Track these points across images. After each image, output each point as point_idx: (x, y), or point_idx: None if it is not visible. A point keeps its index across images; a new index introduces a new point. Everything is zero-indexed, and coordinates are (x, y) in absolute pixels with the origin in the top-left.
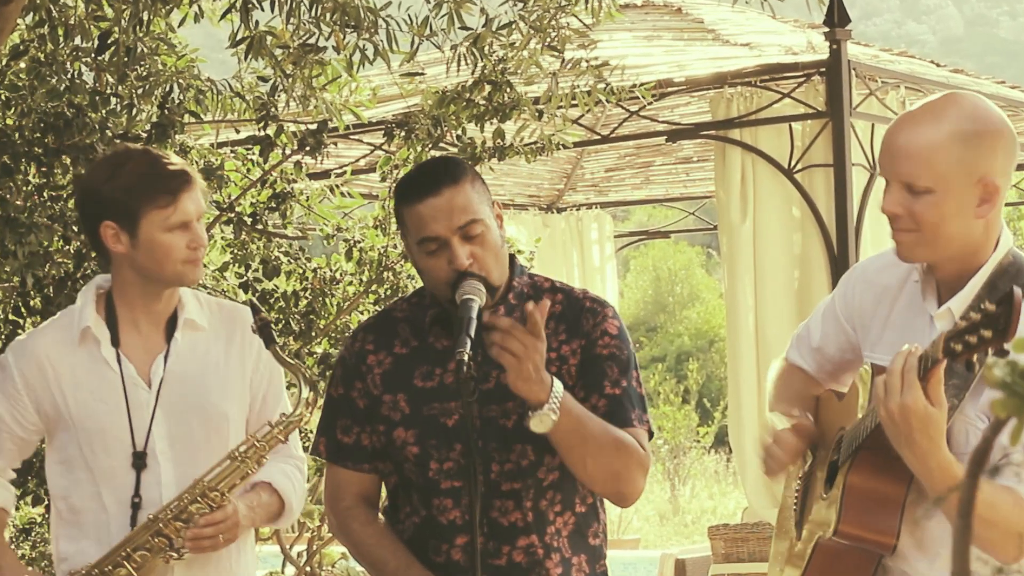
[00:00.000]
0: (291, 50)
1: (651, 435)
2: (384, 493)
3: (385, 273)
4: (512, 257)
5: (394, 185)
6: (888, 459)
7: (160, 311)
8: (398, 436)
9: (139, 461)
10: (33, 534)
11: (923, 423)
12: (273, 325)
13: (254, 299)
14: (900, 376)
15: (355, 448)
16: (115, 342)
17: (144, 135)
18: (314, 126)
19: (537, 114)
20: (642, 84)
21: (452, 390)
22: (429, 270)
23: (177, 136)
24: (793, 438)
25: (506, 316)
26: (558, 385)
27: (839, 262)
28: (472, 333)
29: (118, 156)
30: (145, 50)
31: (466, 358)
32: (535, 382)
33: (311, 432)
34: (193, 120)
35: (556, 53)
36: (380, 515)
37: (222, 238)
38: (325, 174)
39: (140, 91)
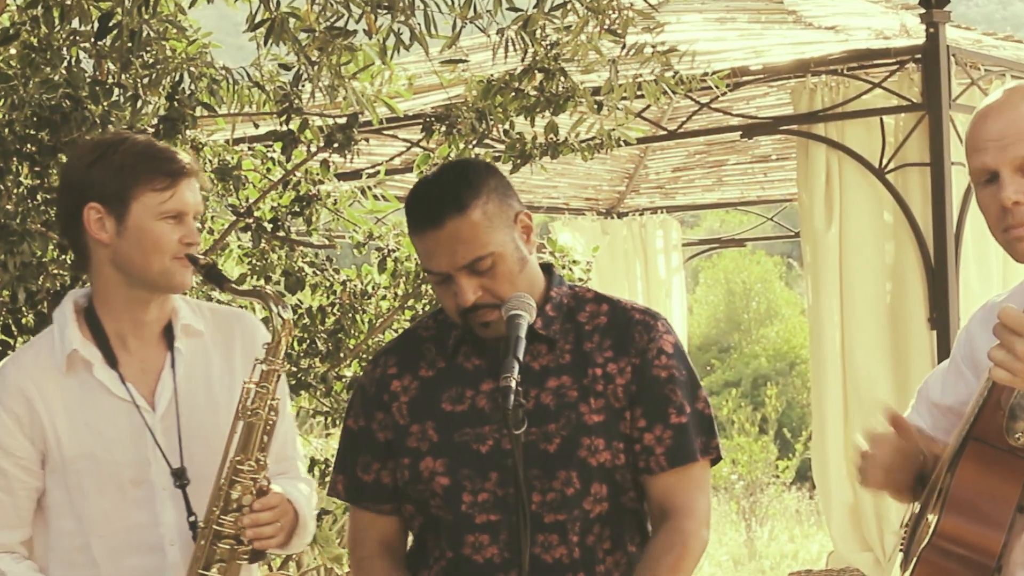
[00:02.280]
0: (317, 34)
1: (718, 459)
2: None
3: (423, 286)
4: (549, 267)
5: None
6: (998, 453)
7: (151, 321)
8: (425, 467)
9: (180, 479)
10: None
11: None
12: (289, 336)
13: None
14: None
15: (375, 487)
16: (111, 362)
17: (151, 130)
18: (343, 120)
19: (595, 106)
20: (714, 73)
21: (485, 414)
22: (440, 298)
23: (188, 131)
24: (895, 438)
25: (543, 329)
26: None
27: (937, 273)
28: (521, 355)
29: (111, 137)
30: (152, 34)
31: (513, 384)
32: None
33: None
34: (206, 113)
35: (617, 37)
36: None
37: (239, 246)
38: (355, 174)
39: (146, 81)
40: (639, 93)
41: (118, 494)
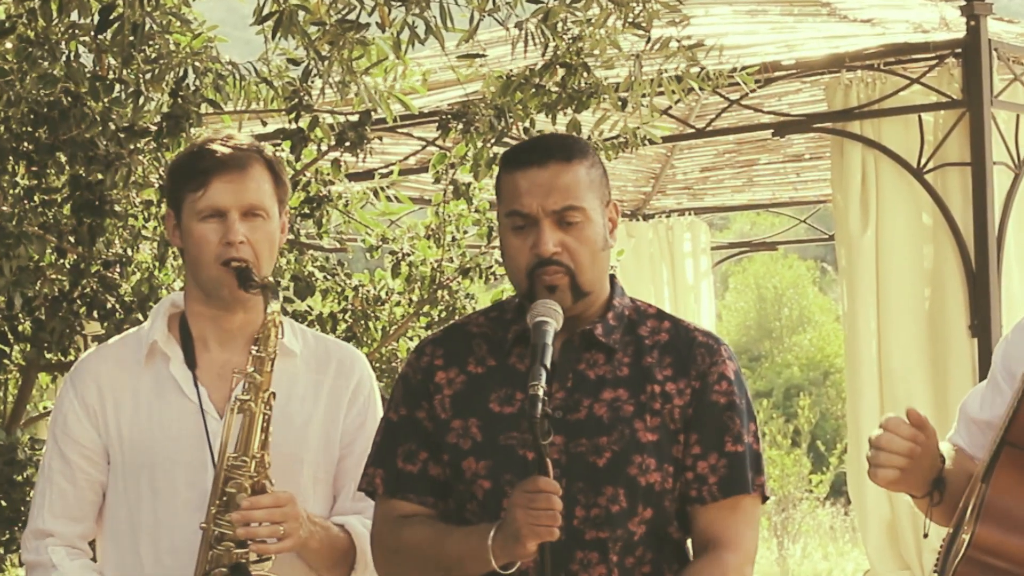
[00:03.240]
0: (328, 27)
1: (766, 498)
2: None
3: (439, 292)
4: (612, 277)
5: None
6: None
7: (235, 328)
8: (468, 468)
9: None
10: None
11: None
12: (276, 327)
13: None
14: None
15: (421, 478)
16: (190, 361)
17: (153, 128)
18: (355, 118)
19: (619, 103)
20: (744, 68)
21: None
22: (510, 250)
23: (193, 129)
24: (910, 427)
25: (603, 336)
26: None
27: (978, 278)
28: (548, 363)
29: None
30: (155, 27)
31: (541, 392)
32: None
33: None
34: (211, 111)
35: (641, 31)
36: None
37: None
38: (368, 174)
39: (148, 76)
40: (659, 90)
41: (170, 494)
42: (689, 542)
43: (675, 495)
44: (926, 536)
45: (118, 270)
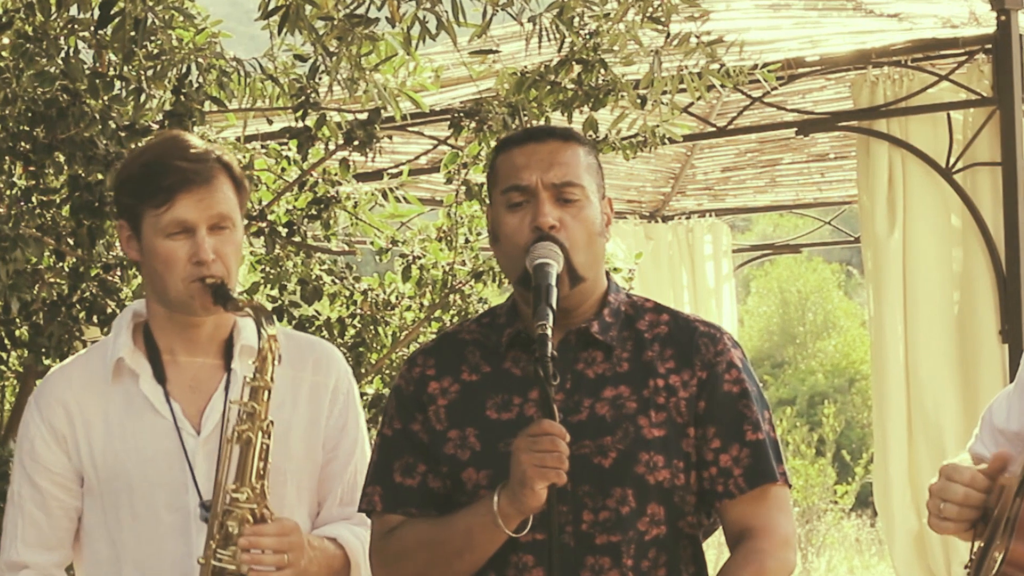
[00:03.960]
0: (335, 22)
1: (790, 486)
2: None
3: (451, 296)
4: (607, 273)
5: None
6: None
7: (204, 338)
8: (468, 479)
9: (208, 512)
10: None
11: None
12: (274, 352)
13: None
14: None
15: (420, 491)
16: (159, 376)
17: (155, 126)
18: (364, 116)
19: (638, 101)
20: (766, 64)
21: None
22: (506, 229)
23: (196, 127)
24: (977, 477)
25: (600, 334)
26: None
27: (1008, 282)
28: (553, 304)
29: (151, 140)
30: (157, 22)
31: (549, 332)
32: None
33: None
34: (215, 108)
35: (660, 26)
36: None
37: (251, 252)
38: (377, 174)
39: (150, 73)
40: (683, 87)
41: (152, 519)
42: (703, 538)
43: (687, 491)
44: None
45: (118, 273)
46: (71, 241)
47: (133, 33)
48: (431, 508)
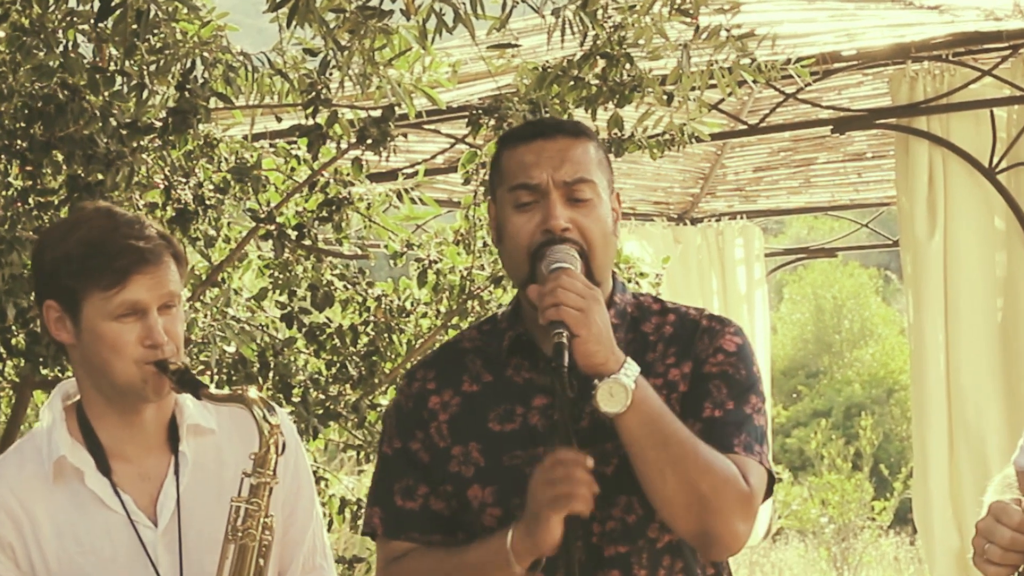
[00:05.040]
0: (347, 14)
1: (772, 478)
2: None
3: (469, 303)
4: (612, 273)
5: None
6: None
7: (147, 422)
8: (474, 497)
9: None
10: None
11: None
12: (278, 444)
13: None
14: None
15: (422, 515)
16: (103, 469)
17: (158, 124)
18: (377, 113)
19: (665, 97)
20: (800, 59)
21: (538, 433)
22: (511, 229)
23: (201, 126)
24: (1019, 515)
25: None
26: (633, 363)
27: None
28: None
29: (76, 215)
30: (160, 15)
31: (565, 340)
32: (605, 343)
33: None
34: (222, 105)
35: (688, 19)
36: None
37: (259, 257)
38: (392, 175)
39: (153, 68)
40: (713, 82)
41: None
42: None
43: None
44: None
45: None
46: None
47: (135, 26)
48: (434, 532)
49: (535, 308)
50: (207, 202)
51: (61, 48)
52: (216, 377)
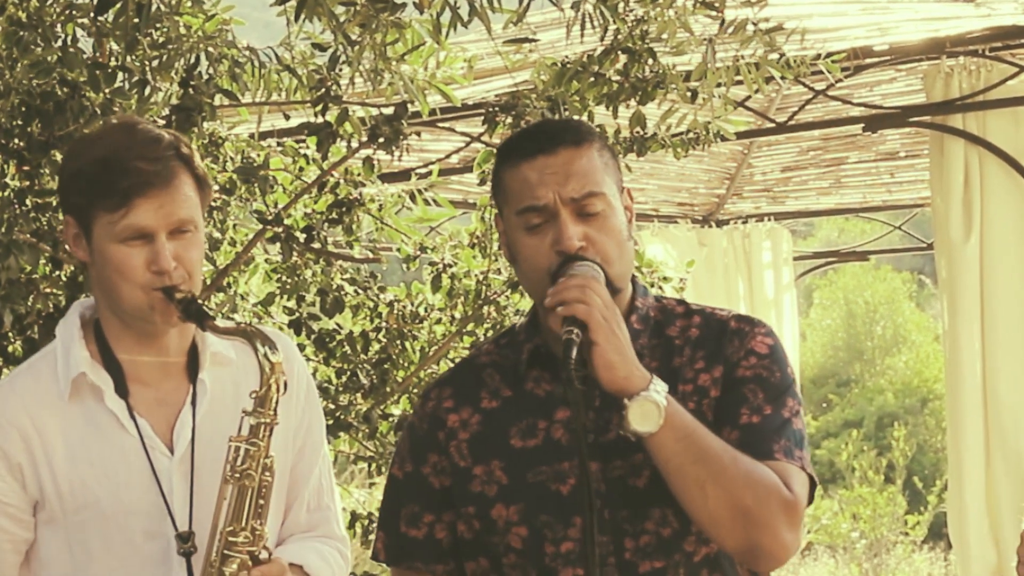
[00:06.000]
0: (358, 8)
1: (814, 483)
2: None
3: (485, 308)
4: (632, 276)
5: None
6: None
7: (168, 346)
8: (498, 516)
9: (187, 545)
10: None
11: None
12: (279, 381)
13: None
14: None
15: (426, 544)
16: (121, 391)
17: (161, 122)
18: (389, 110)
19: (689, 94)
20: (830, 54)
21: (563, 447)
22: (525, 252)
23: (206, 123)
24: None
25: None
26: (659, 380)
27: None
28: None
29: (102, 127)
30: (163, 8)
31: (575, 337)
32: (627, 355)
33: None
34: (227, 102)
35: (714, 12)
36: None
37: (266, 260)
38: (404, 175)
39: (155, 63)
40: (739, 79)
41: (128, 549)
42: None
43: None
44: None
45: None
46: (69, 248)
47: (136, 19)
48: (437, 562)
49: (558, 324)
50: (212, 203)
51: (60, 43)
52: None
